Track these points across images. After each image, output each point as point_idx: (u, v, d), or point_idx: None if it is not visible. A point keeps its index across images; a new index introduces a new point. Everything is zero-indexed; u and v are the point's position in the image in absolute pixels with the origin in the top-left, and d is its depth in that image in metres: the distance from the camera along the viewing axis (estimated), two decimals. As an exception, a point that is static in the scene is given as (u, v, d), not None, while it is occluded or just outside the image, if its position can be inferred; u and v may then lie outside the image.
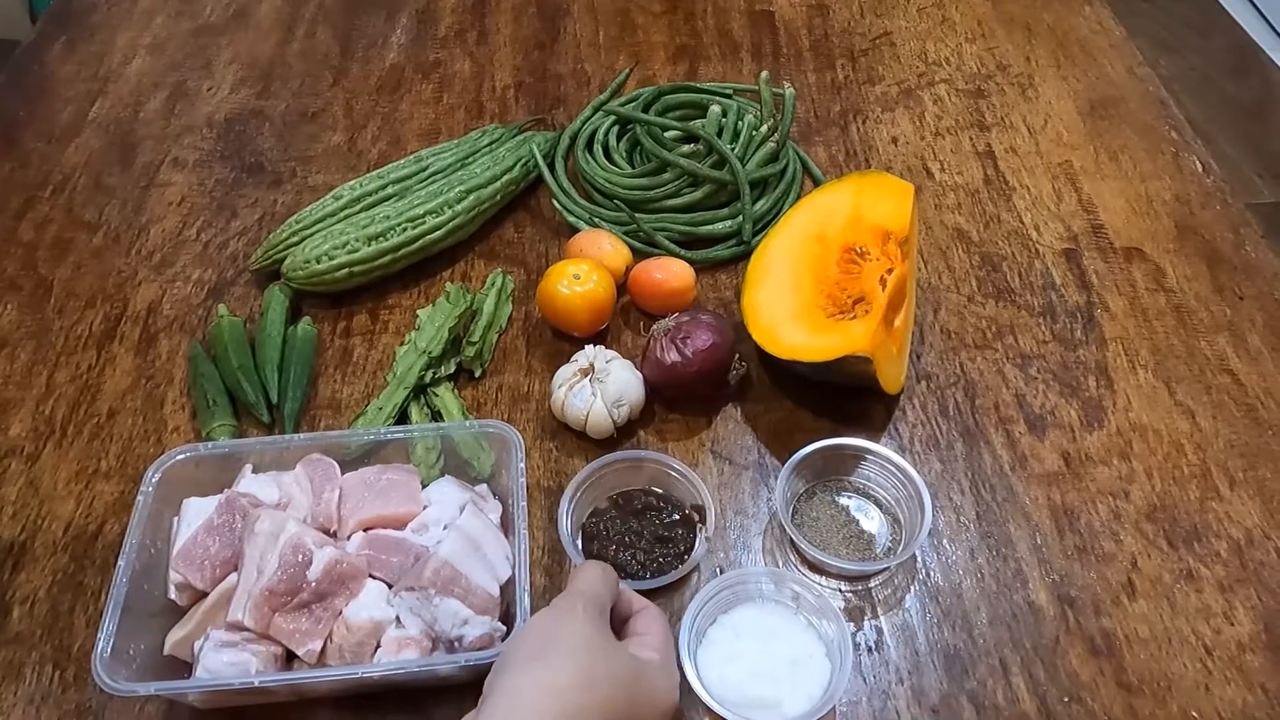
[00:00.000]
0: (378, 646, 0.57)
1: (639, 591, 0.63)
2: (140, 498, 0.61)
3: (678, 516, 0.66)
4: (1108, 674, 0.60)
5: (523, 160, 0.89)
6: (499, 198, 0.87)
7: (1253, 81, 2.22)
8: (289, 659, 0.58)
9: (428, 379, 0.74)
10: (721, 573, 0.65)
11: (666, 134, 0.89)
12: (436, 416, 0.73)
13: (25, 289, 0.84)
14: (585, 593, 0.52)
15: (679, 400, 0.74)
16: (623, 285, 0.81)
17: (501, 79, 1.05)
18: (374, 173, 0.86)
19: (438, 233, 0.82)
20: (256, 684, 0.55)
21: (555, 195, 0.88)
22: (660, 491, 0.68)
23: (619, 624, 0.55)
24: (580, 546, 0.65)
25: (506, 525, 0.63)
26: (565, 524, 0.64)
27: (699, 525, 0.65)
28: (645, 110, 0.93)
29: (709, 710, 0.56)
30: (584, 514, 0.67)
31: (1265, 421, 0.73)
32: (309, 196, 0.90)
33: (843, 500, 0.68)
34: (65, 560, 0.67)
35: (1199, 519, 0.68)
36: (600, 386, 0.70)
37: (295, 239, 0.82)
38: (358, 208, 0.84)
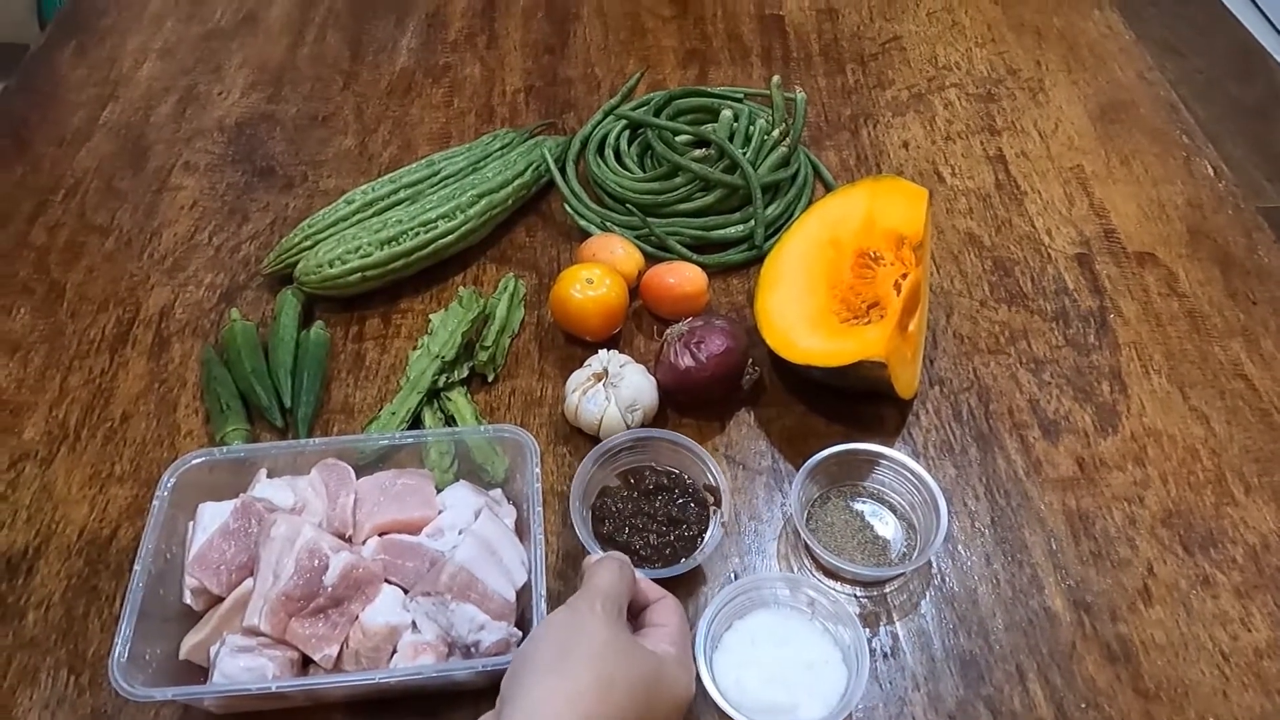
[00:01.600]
0: (394, 652, 0.57)
1: (653, 580, 0.63)
2: (155, 502, 0.61)
3: (690, 496, 0.66)
4: (1125, 680, 0.60)
5: (534, 164, 0.89)
6: (510, 202, 0.87)
7: (1258, 84, 2.22)
8: (305, 664, 0.58)
9: (440, 383, 0.74)
10: (737, 578, 0.65)
11: (678, 138, 0.89)
12: (449, 421, 0.73)
13: (38, 293, 0.85)
14: (603, 591, 0.52)
15: (692, 405, 0.74)
16: (635, 290, 0.81)
17: (512, 83, 1.05)
18: (385, 177, 0.86)
19: (450, 237, 0.82)
20: (273, 689, 0.55)
21: (567, 199, 0.88)
22: (673, 471, 0.67)
23: (635, 611, 0.55)
24: (591, 528, 0.65)
25: (521, 530, 0.63)
26: (577, 506, 0.64)
27: (712, 507, 0.65)
28: (656, 114, 0.93)
29: (725, 716, 0.56)
30: (594, 492, 0.67)
31: (1280, 427, 0.73)
32: (320, 201, 0.90)
33: (857, 505, 0.68)
34: (79, 565, 0.67)
35: (1214, 524, 0.68)
36: (614, 391, 0.70)
37: (308, 243, 0.82)
38: (370, 212, 0.84)
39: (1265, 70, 2.25)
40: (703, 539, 0.64)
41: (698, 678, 0.56)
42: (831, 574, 0.66)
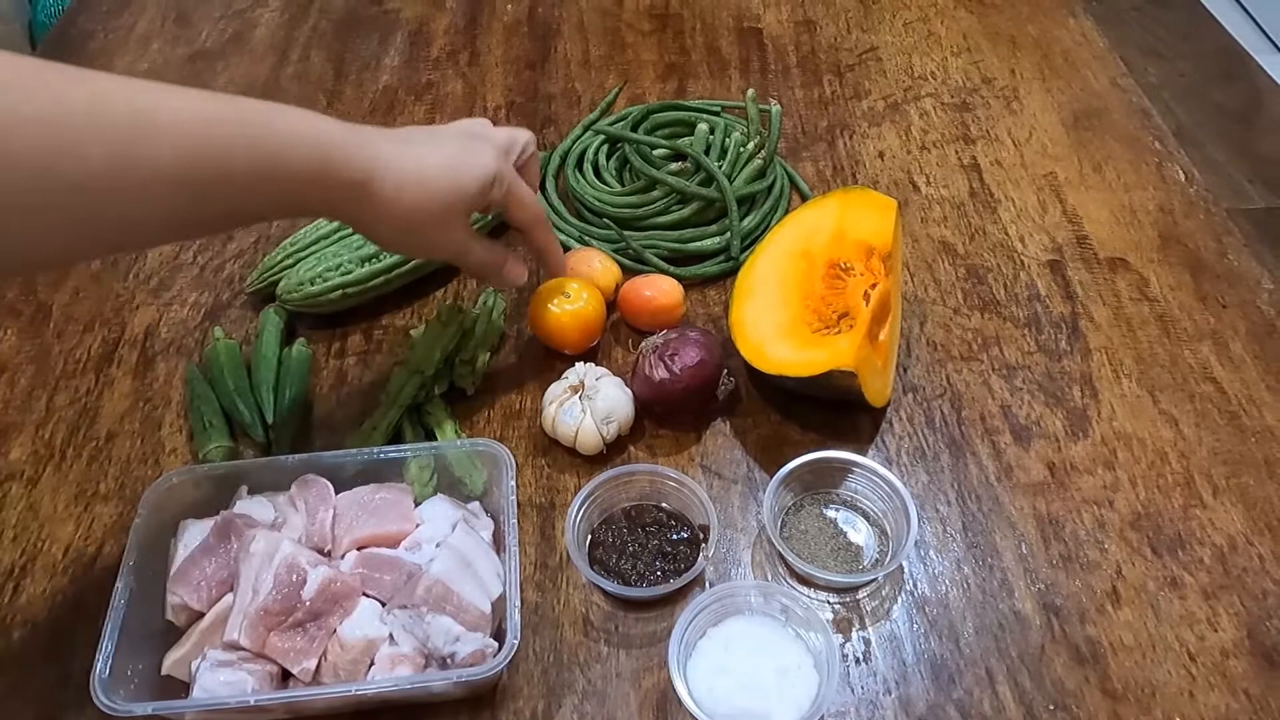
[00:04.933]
0: (372, 664, 0.58)
1: (635, 600, 0.65)
2: (137, 520, 0.62)
3: (685, 535, 0.67)
4: (1093, 682, 0.61)
5: (513, 180, 0.90)
6: (491, 218, 0.88)
7: (1240, 87, 2.23)
8: (284, 677, 0.59)
9: (421, 398, 0.75)
10: (710, 586, 0.66)
11: (655, 152, 0.90)
12: (429, 435, 0.74)
13: (25, 314, 0.86)
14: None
15: (668, 416, 0.75)
16: (613, 303, 0.82)
17: (493, 99, 1.06)
18: (367, 195, 0.87)
19: (430, 253, 0.83)
20: (252, 703, 0.56)
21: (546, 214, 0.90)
22: (671, 509, 0.69)
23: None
24: (586, 551, 0.66)
25: (498, 542, 0.64)
26: (574, 517, 0.66)
27: (703, 545, 0.66)
28: (634, 129, 0.94)
29: (698, 723, 0.57)
30: (596, 519, 0.68)
31: (1248, 429, 0.74)
32: (304, 219, 0.91)
33: (830, 513, 0.69)
34: (65, 582, 0.67)
35: (1183, 527, 0.69)
36: (590, 403, 0.71)
37: (290, 261, 0.83)
38: (351, 229, 0.85)
39: (1247, 73, 2.27)
40: (688, 571, 0.65)
41: (672, 686, 0.57)
42: (805, 581, 0.67)
